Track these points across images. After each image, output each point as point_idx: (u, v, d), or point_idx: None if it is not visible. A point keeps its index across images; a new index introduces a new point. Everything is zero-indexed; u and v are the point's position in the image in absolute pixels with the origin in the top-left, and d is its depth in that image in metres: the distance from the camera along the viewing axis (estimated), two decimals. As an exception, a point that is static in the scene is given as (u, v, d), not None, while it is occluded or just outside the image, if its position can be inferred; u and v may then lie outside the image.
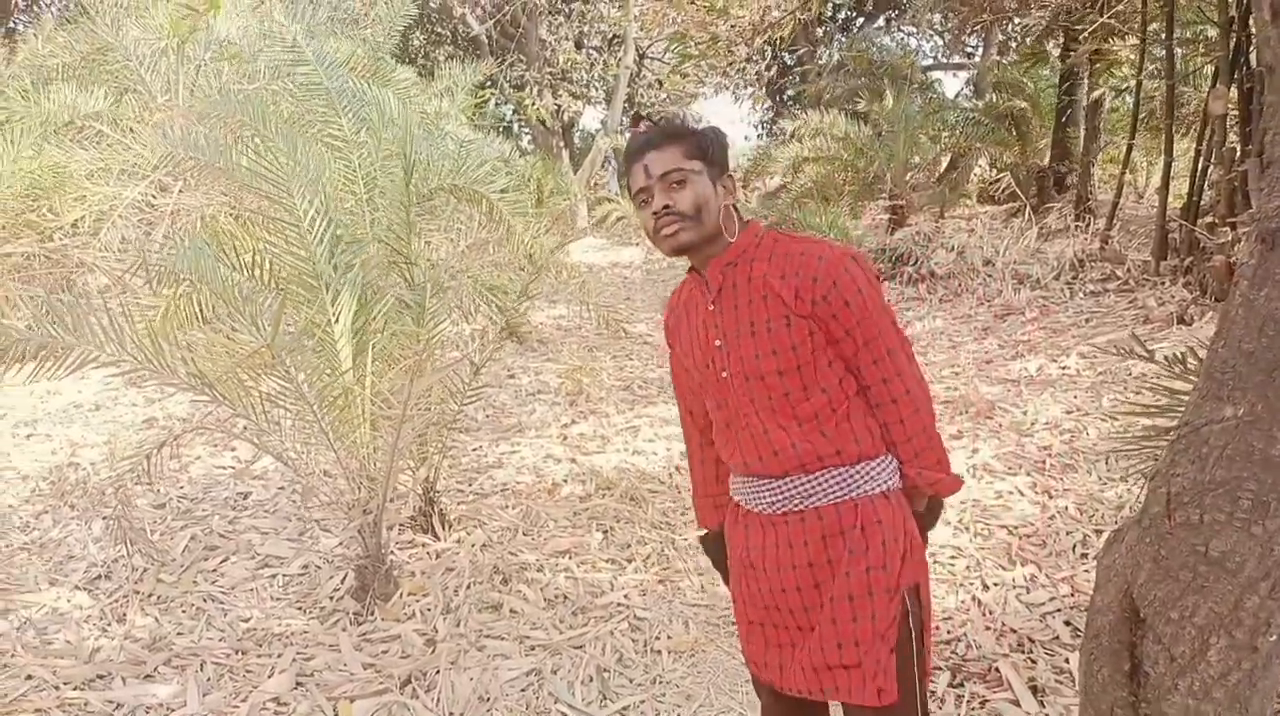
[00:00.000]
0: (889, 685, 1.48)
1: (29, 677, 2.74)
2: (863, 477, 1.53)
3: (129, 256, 5.92)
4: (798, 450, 1.53)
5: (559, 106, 16.67)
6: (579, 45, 17.12)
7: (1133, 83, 8.67)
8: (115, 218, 5.97)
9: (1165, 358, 2.19)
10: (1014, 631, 2.84)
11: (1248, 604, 1.03)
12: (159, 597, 3.27)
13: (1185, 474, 1.07)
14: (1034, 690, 2.52)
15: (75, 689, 2.68)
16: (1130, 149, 8.59)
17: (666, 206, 1.50)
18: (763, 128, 19.60)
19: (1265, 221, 0.99)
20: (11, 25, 16.19)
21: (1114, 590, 1.15)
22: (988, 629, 2.87)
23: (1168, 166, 7.40)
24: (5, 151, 5.74)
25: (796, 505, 1.56)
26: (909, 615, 1.51)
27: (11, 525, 3.95)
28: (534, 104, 16.13)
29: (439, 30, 17.29)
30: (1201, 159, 6.95)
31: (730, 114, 45.57)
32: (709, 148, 1.55)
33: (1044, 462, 4.11)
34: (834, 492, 1.54)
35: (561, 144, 17.56)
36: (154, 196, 6.29)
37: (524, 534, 3.75)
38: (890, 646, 1.49)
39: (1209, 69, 7.63)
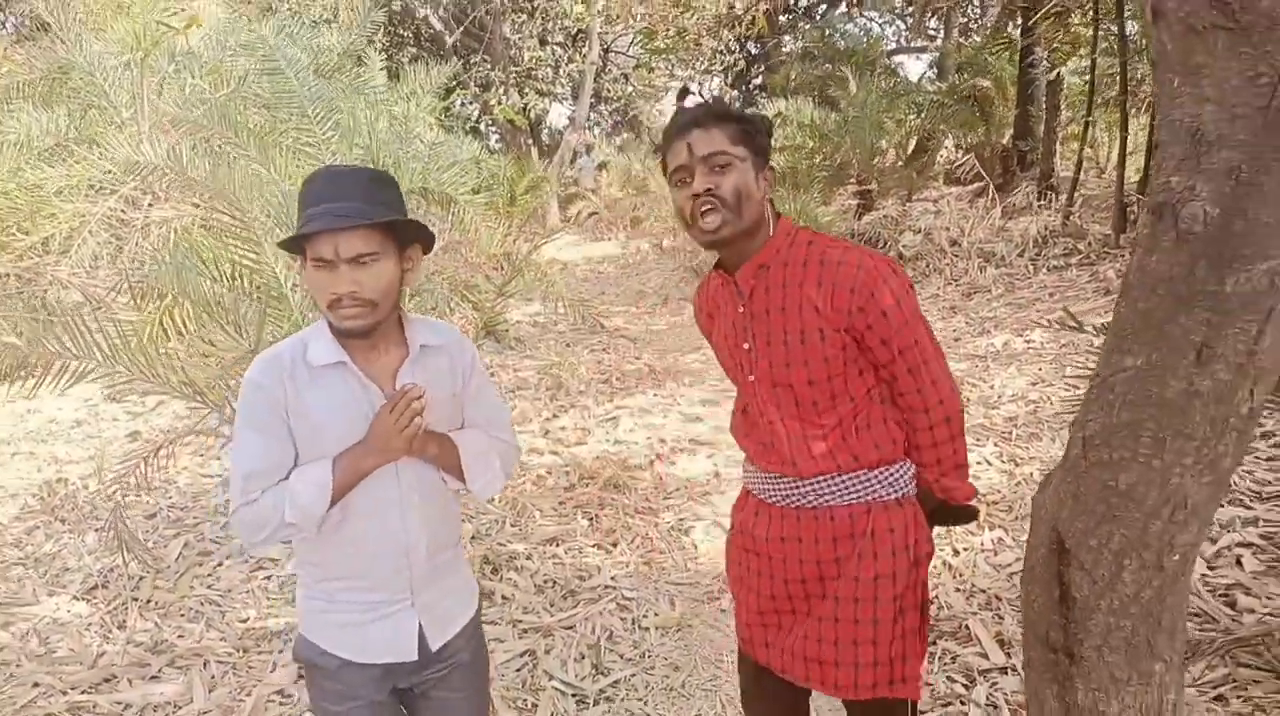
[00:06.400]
0: (878, 677, 1.53)
1: (36, 685, 2.82)
2: (879, 483, 1.55)
3: (101, 272, 5.95)
4: (817, 460, 1.54)
5: (525, 105, 16.69)
6: (543, 42, 17.13)
7: (1089, 61, 8.86)
8: (85, 234, 5.98)
9: (1092, 327, 2.33)
10: (983, 591, 2.98)
11: (1153, 528, 1.17)
12: (157, 603, 3.35)
13: (1096, 419, 1.20)
14: (1001, 643, 2.67)
15: (83, 692, 2.76)
16: (1088, 125, 8.77)
17: (709, 189, 1.44)
18: (730, 118, 19.67)
19: (1154, 195, 1.12)
20: (-32, 44, 15.96)
21: (1044, 527, 1.29)
22: (958, 590, 3.01)
23: (1124, 142, 7.60)
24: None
25: (810, 502, 1.57)
26: (917, 614, 1.57)
27: (4, 541, 4.00)
28: (500, 103, 16.14)
29: (401, 32, 17.25)
30: (1157, 134, 7.15)
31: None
32: (755, 136, 1.49)
33: (1010, 433, 4.27)
34: (849, 495, 1.54)
35: (530, 142, 17.60)
36: (123, 211, 6.31)
37: (511, 525, 3.85)
38: (886, 645, 1.54)
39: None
